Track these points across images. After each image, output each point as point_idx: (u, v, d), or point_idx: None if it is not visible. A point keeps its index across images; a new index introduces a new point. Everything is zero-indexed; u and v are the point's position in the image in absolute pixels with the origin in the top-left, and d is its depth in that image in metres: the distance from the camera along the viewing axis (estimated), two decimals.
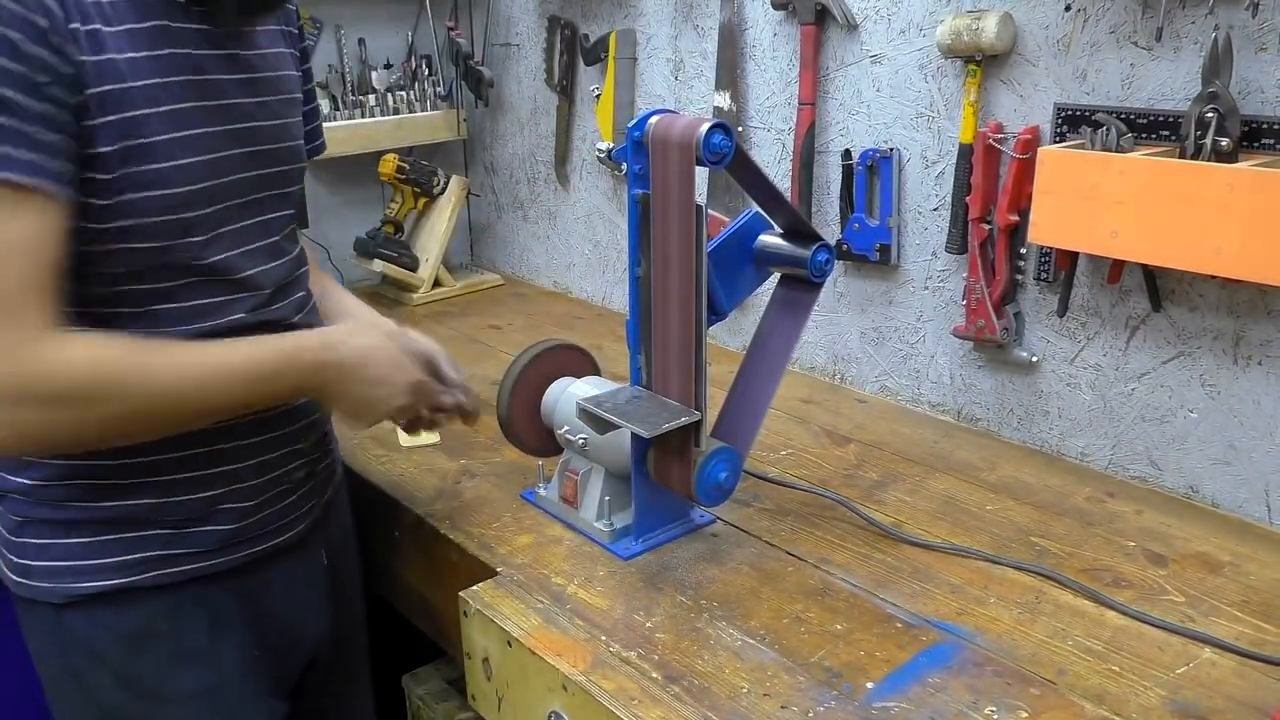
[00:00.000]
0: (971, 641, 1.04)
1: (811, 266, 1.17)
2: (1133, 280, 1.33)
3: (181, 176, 0.95)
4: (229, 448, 1.06)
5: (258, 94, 1.05)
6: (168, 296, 0.99)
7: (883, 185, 1.58)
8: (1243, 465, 1.28)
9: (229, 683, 1.10)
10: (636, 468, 1.18)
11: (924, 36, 1.49)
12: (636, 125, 1.10)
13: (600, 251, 2.20)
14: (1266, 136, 1.16)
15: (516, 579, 1.17)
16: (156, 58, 0.93)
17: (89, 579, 1.02)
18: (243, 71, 1.03)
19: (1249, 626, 1.06)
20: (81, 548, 1.02)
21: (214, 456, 1.05)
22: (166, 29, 0.95)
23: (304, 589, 1.19)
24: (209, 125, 0.98)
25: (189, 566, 1.06)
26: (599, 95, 2.04)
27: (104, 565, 1.02)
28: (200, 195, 0.97)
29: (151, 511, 1.03)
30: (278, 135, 1.07)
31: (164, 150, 0.93)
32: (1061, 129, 1.34)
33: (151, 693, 1.06)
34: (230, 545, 1.08)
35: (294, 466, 1.14)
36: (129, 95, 0.91)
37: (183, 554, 1.05)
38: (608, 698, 0.96)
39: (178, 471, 1.03)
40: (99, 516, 1.02)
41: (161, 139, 0.93)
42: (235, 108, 1.01)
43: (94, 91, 0.88)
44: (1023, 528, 1.26)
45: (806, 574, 1.17)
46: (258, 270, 1.05)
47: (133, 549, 1.03)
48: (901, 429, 1.55)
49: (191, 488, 1.04)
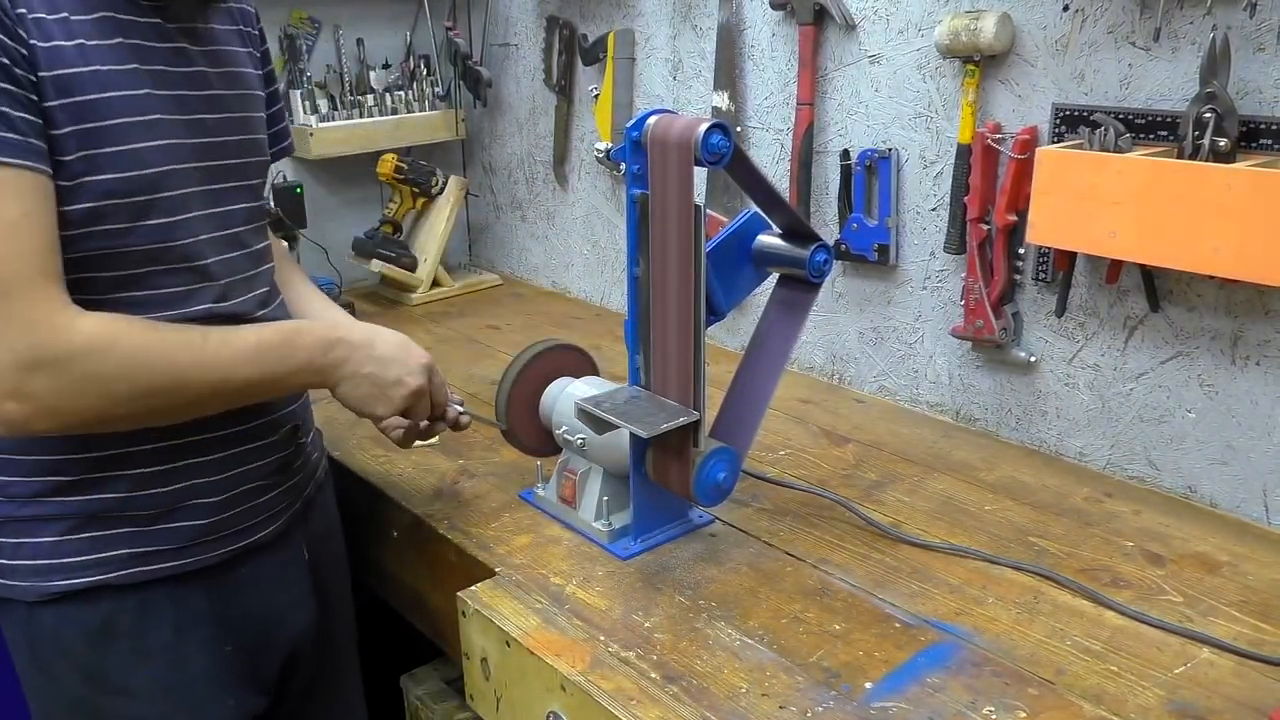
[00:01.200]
0: (970, 641, 1.04)
1: (810, 267, 1.17)
2: (1131, 280, 1.33)
3: (135, 160, 0.97)
4: (197, 440, 1.06)
5: (210, 87, 1.06)
6: (132, 283, 1.00)
7: (881, 185, 1.58)
8: (1240, 465, 1.28)
9: (194, 679, 1.11)
10: (635, 468, 1.18)
11: (922, 37, 1.49)
12: (635, 125, 1.10)
13: (599, 251, 2.20)
14: (1264, 137, 1.16)
15: (515, 579, 1.17)
16: (105, 47, 0.96)
17: (60, 577, 1.03)
18: (192, 64, 1.05)
19: (1247, 626, 1.06)
20: (52, 546, 1.03)
21: (183, 449, 1.05)
22: (115, 20, 0.97)
23: (282, 586, 1.19)
24: (159, 113, 0.99)
25: (159, 565, 1.06)
26: (597, 95, 2.04)
27: (74, 564, 1.03)
28: (155, 180, 0.99)
29: (120, 505, 1.03)
30: (232, 128, 1.09)
31: (117, 134, 0.95)
32: (1060, 129, 1.34)
33: (117, 688, 1.08)
34: (201, 543, 1.08)
35: (266, 461, 1.14)
36: (79, 80, 0.93)
37: (152, 551, 1.06)
38: (606, 698, 0.96)
39: (146, 465, 1.04)
40: (70, 512, 1.03)
41: (113, 123, 0.95)
42: (186, 98, 1.03)
43: (46, 75, 0.90)
44: (1021, 528, 1.26)
45: (805, 574, 1.17)
46: (218, 259, 1.06)
47: (102, 547, 1.04)
48: (900, 429, 1.55)
49: (160, 481, 1.05)
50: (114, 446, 1.02)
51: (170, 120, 1.01)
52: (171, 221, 1.01)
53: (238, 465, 1.10)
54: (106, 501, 1.03)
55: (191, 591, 1.09)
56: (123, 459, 1.02)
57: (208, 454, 1.07)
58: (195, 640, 1.10)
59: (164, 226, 1.01)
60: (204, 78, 1.06)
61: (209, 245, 1.05)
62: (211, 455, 1.08)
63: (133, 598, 1.06)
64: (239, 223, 1.11)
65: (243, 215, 1.12)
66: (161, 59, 1.01)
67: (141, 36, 0.99)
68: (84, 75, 0.93)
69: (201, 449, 1.07)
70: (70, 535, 1.03)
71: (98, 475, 1.02)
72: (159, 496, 1.05)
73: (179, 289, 1.03)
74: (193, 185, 1.03)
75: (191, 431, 1.05)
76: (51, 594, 1.04)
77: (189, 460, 1.06)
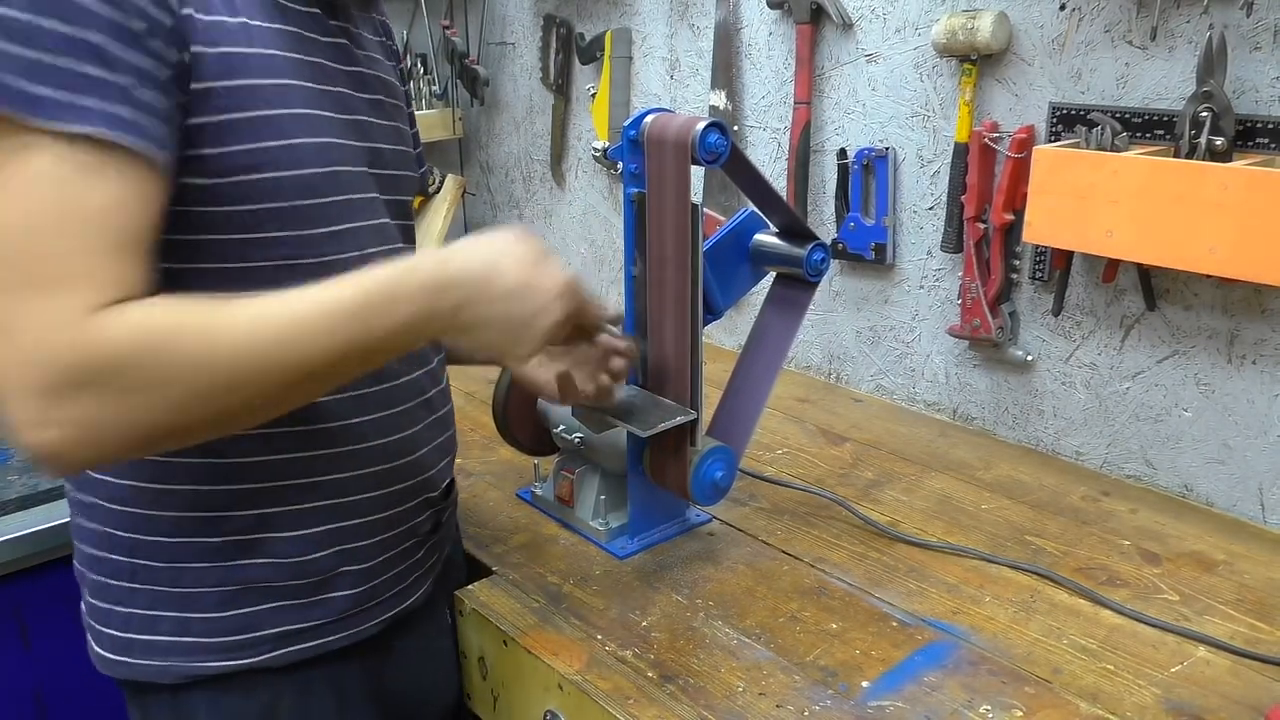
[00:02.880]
0: (967, 640, 1.04)
1: (807, 265, 1.17)
2: (1128, 279, 1.33)
3: (294, 158, 0.83)
4: (351, 501, 0.95)
5: (369, 90, 0.95)
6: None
7: (878, 184, 1.58)
8: (1237, 464, 1.28)
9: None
10: (632, 467, 1.18)
11: (919, 36, 1.49)
12: (632, 124, 1.10)
13: (596, 250, 2.20)
14: (1260, 136, 1.16)
15: (512, 578, 1.17)
16: (268, 28, 0.83)
17: (213, 658, 0.91)
18: (352, 64, 0.93)
19: (1243, 625, 1.06)
20: (201, 623, 0.91)
21: (334, 511, 0.94)
22: (277, 4, 0.85)
23: (431, 656, 1.11)
24: (322, 109, 0.87)
25: (315, 642, 0.95)
26: (595, 94, 2.04)
27: (227, 644, 0.92)
28: (318, 182, 0.85)
29: (270, 575, 0.92)
30: (389, 136, 0.97)
31: (277, 127, 0.81)
32: (1056, 128, 1.35)
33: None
34: (355, 614, 0.97)
35: (422, 519, 1.03)
36: (241, 60, 0.79)
37: (307, 628, 0.94)
38: (603, 697, 0.96)
39: (295, 528, 0.92)
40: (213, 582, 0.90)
41: (274, 113, 0.81)
42: (348, 98, 0.91)
43: (207, 50, 0.76)
44: (1018, 527, 1.26)
45: (802, 573, 1.17)
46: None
47: (255, 625, 0.92)
48: (897, 428, 1.56)
49: (311, 547, 0.93)
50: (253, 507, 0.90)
51: (332, 119, 0.88)
52: (327, 232, 0.87)
53: (398, 525, 0.99)
54: (252, 570, 0.91)
55: (349, 668, 0.99)
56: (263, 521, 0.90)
57: (362, 516, 0.96)
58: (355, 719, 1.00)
59: (319, 237, 0.86)
60: (365, 80, 0.94)
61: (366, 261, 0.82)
62: (366, 517, 0.96)
63: (293, 679, 0.95)
64: (396, 239, 0.97)
65: (399, 232, 0.98)
66: (322, 52, 0.89)
67: (303, 26, 0.87)
68: (247, 56, 0.79)
69: (354, 511, 0.95)
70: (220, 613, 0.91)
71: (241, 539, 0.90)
72: (309, 565, 0.93)
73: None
74: (350, 192, 0.90)
75: (341, 490, 0.94)
76: (202, 676, 0.92)
77: (342, 523, 0.94)
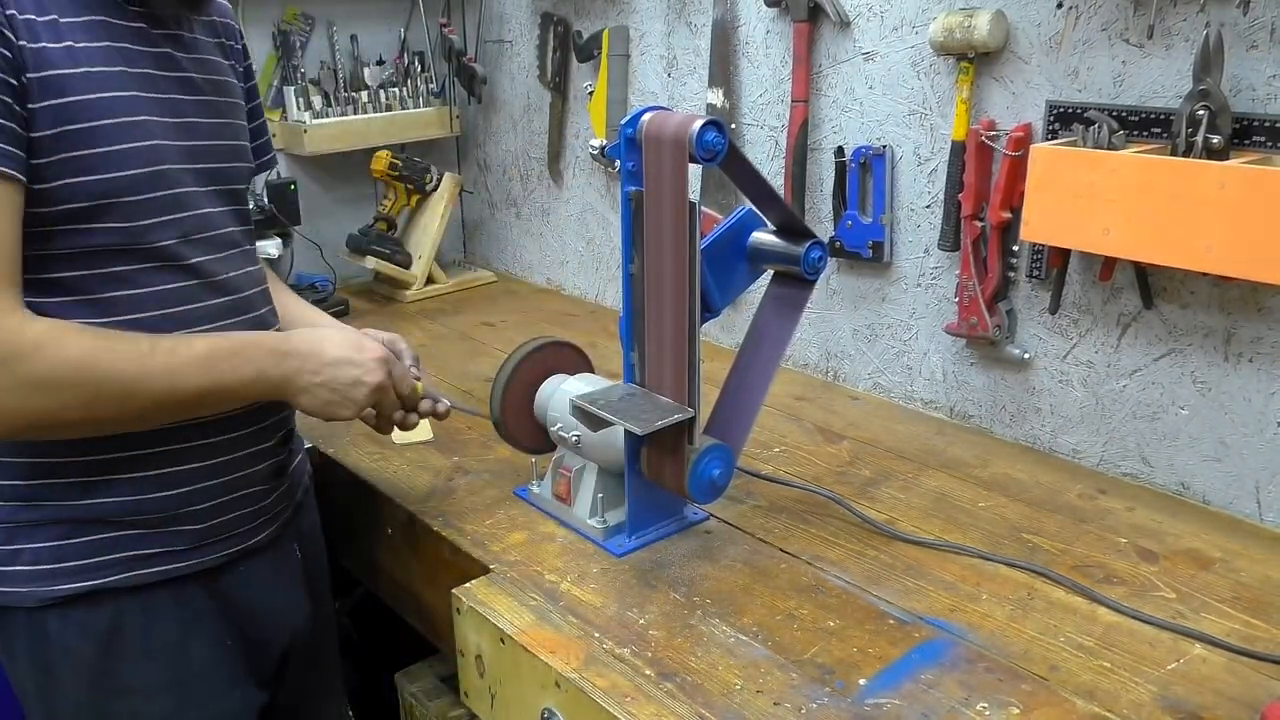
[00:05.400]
0: (964, 638, 1.04)
1: (805, 264, 1.17)
2: (1124, 277, 1.33)
3: (121, 161, 0.97)
4: (196, 446, 1.07)
5: (199, 92, 1.08)
6: (121, 282, 1.00)
7: (875, 182, 1.58)
8: (1233, 462, 1.28)
9: (201, 674, 1.12)
10: (630, 465, 1.18)
11: (916, 34, 1.49)
12: (630, 122, 1.10)
13: (593, 249, 2.20)
14: (1257, 134, 1.16)
15: (509, 576, 1.17)
16: (93, 49, 0.97)
17: (63, 581, 1.03)
18: (178, 70, 1.06)
19: (1239, 623, 1.06)
20: (53, 550, 1.03)
21: (181, 454, 1.06)
22: (103, 24, 0.98)
23: (277, 585, 1.21)
24: (147, 114, 1.00)
25: (162, 567, 1.07)
26: (592, 92, 2.04)
27: (77, 567, 1.04)
28: (142, 180, 0.99)
29: (122, 510, 1.04)
30: (217, 132, 1.10)
31: (103, 134, 0.96)
32: (1054, 126, 1.35)
33: (125, 687, 1.08)
34: (202, 546, 1.10)
35: (262, 467, 1.15)
36: (67, 81, 0.93)
37: (155, 554, 1.07)
38: (601, 695, 0.96)
39: (146, 469, 1.04)
40: (70, 516, 1.03)
41: (101, 124, 0.96)
42: (172, 102, 1.04)
43: (34, 76, 0.91)
44: (1015, 524, 1.26)
45: (799, 571, 1.17)
46: (207, 259, 1.07)
47: (105, 550, 1.04)
48: (894, 426, 1.56)
49: (161, 485, 1.05)
50: (113, 450, 1.02)
51: (158, 122, 1.01)
52: (162, 221, 1.02)
53: (236, 470, 1.11)
54: (108, 506, 1.03)
55: (193, 591, 1.10)
56: (121, 463, 1.03)
57: (206, 459, 1.08)
58: (199, 636, 1.11)
59: (154, 226, 1.01)
60: (192, 83, 1.07)
61: (195, 246, 1.05)
62: (210, 460, 1.08)
63: (138, 599, 1.07)
64: (231, 223, 1.12)
65: (234, 217, 1.13)
66: (148, 62, 1.02)
67: (129, 40, 1.00)
68: (74, 77, 0.94)
69: (200, 454, 1.08)
70: (70, 539, 1.03)
71: (97, 479, 1.03)
72: (159, 500, 1.06)
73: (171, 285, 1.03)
74: (183, 186, 1.04)
75: (190, 437, 1.06)
76: (54, 599, 1.03)
77: (188, 465, 1.07)
